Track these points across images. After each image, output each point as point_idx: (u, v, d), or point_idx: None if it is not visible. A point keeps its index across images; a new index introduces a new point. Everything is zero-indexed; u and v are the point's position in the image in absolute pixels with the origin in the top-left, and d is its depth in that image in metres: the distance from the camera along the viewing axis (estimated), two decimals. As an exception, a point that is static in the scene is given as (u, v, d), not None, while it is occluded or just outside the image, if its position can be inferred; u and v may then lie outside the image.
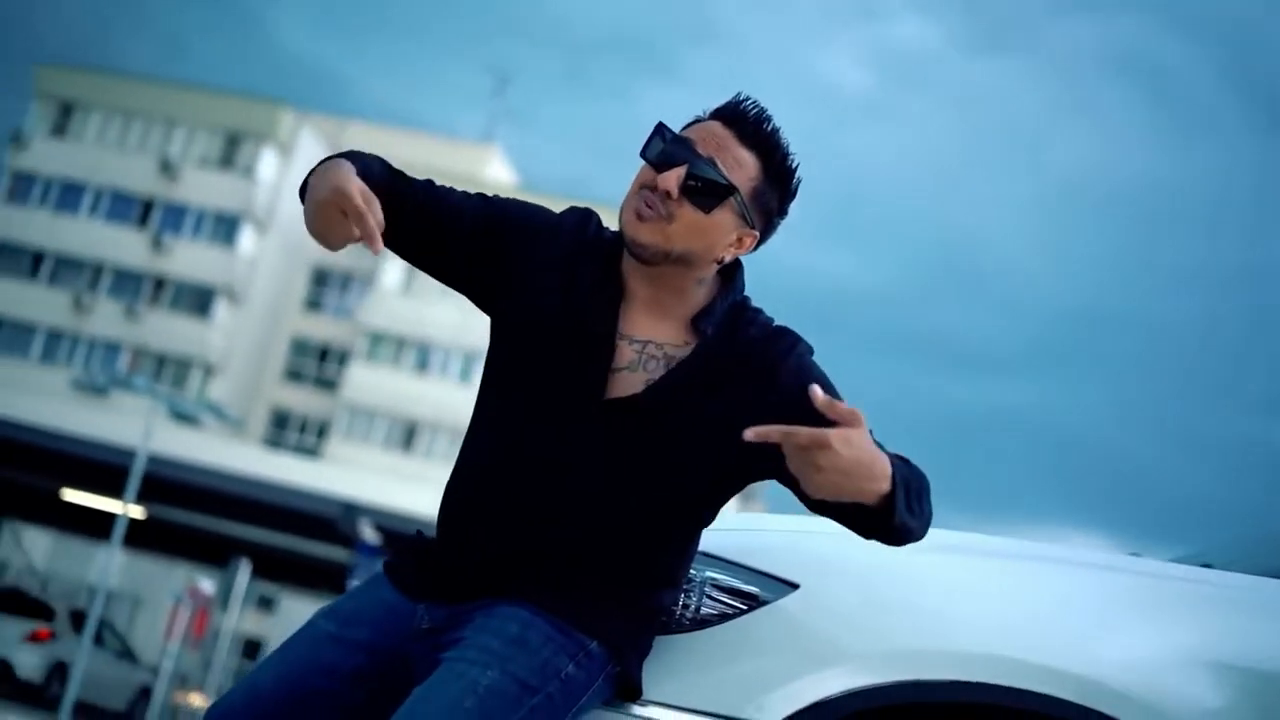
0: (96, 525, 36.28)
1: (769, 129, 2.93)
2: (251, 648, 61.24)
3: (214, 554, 34.84)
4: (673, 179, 2.88)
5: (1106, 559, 3.39)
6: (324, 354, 64.27)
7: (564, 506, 2.92)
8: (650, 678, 3.03)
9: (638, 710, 3.02)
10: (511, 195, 3.14)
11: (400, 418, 59.99)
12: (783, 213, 3.01)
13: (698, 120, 2.98)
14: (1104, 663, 3.09)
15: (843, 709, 3.01)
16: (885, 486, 2.64)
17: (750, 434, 2.57)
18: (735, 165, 2.91)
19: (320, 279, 65.35)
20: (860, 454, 2.57)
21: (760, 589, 3.12)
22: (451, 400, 57.37)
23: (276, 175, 62.80)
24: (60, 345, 61.46)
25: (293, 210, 63.13)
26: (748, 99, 2.95)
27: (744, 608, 3.11)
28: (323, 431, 62.27)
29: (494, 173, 66.92)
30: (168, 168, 61.91)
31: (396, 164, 3.04)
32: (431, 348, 60.24)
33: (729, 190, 2.90)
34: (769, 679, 3.03)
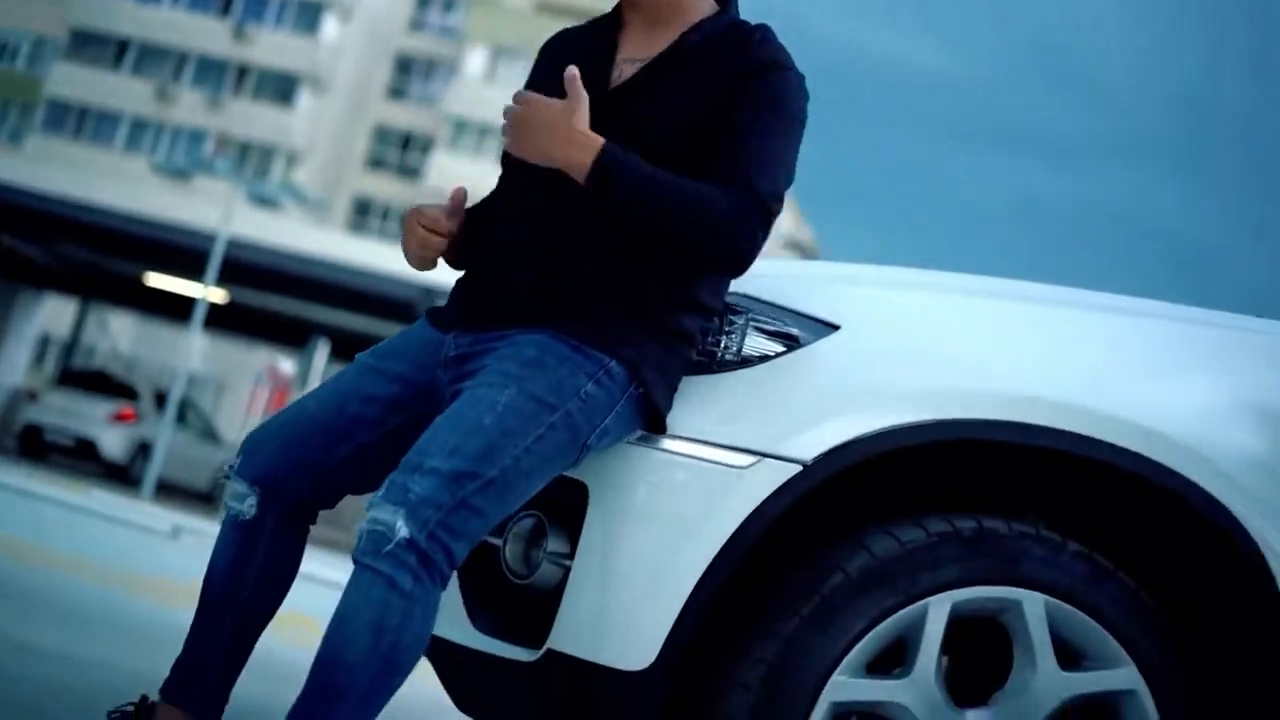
0: (179, 309, 36.67)
1: None
2: (335, 433, 62.04)
3: (294, 337, 35.17)
4: None
5: (1155, 306, 3.35)
6: (406, 142, 64.24)
7: (571, 223, 2.98)
8: (686, 414, 3.04)
9: (669, 444, 3.02)
10: None
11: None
12: None
13: None
14: (1148, 407, 3.08)
15: (876, 447, 3.01)
16: (582, 161, 2.87)
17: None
18: None
19: (404, 66, 65.09)
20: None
21: (801, 330, 3.11)
22: (533, 190, 57.23)
23: (359, -38, 62.35)
24: (144, 133, 61.69)
25: (374, -3, 62.72)
26: None
27: (784, 348, 3.09)
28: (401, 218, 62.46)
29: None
30: (249, -46, 61.59)
31: None
32: (513, 137, 59.95)
33: None
34: (806, 417, 3.03)
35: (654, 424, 3.01)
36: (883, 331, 3.15)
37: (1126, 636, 3.05)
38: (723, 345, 3.10)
